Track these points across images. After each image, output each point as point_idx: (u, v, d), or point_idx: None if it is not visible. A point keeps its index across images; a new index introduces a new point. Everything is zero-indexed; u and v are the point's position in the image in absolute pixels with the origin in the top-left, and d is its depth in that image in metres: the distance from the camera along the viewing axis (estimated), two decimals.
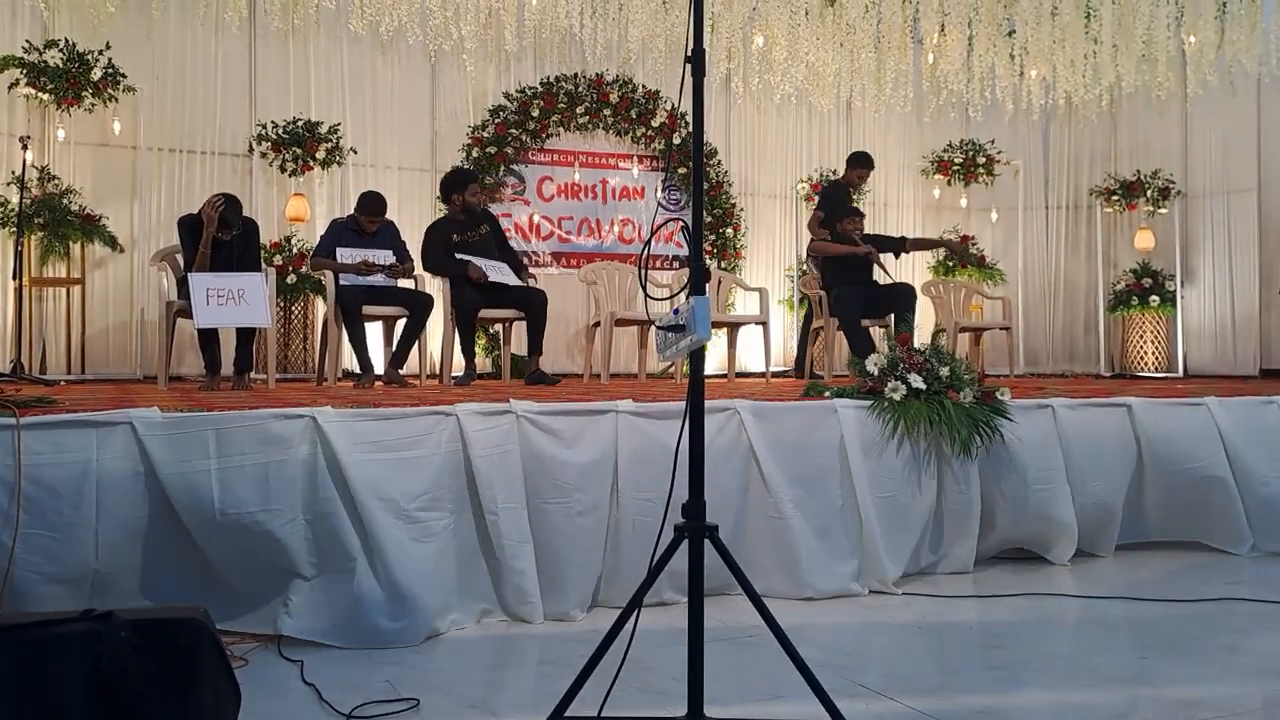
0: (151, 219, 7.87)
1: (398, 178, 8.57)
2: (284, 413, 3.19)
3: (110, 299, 7.74)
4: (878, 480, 3.94)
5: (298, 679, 2.74)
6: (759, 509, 3.79)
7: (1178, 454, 4.57)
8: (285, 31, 8.26)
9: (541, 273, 8.30)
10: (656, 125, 9.29)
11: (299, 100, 8.30)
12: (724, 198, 9.52)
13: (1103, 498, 4.42)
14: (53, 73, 7.19)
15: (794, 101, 9.78)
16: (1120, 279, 10.10)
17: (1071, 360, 10.50)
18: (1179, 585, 3.96)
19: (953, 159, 10.22)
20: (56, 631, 1.93)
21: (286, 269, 7.75)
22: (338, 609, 3.12)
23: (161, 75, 7.93)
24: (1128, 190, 10.00)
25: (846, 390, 4.18)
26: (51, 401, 3.35)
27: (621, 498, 3.56)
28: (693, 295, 2.19)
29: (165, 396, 4.37)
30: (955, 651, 3.18)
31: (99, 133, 7.69)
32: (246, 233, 5.74)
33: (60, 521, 2.89)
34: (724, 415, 3.79)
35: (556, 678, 2.62)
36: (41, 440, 2.91)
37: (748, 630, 3.11)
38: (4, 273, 6.62)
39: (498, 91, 8.94)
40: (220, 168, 8.13)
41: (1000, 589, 3.85)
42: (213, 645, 2.07)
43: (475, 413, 3.40)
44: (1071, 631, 3.43)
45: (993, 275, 10.08)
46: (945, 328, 8.24)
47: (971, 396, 4.14)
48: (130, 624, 1.98)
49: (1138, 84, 9.69)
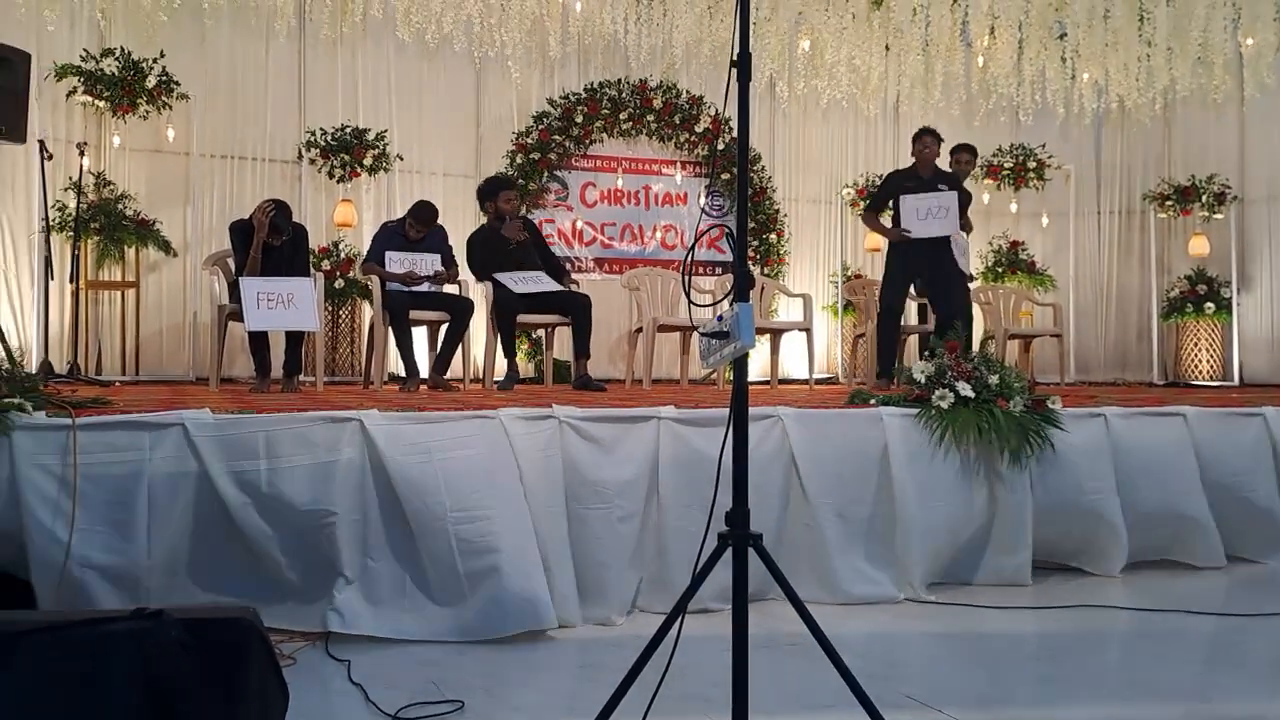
0: (204, 224, 8.00)
1: (443, 184, 8.64)
2: (332, 415, 3.23)
3: (164, 302, 7.87)
4: (922, 489, 3.89)
5: (345, 679, 2.77)
6: (798, 516, 3.77)
7: (1234, 465, 4.46)
8: (334, 39, 8.36)
9: (584, 278, 8.32)
10: (700, 131, 9.28)
11: (347, 107, 8.40)
12: (768, 203, 9.49)
13: (1155, 509, 4.33)
14: (109, 81, 7.34)
15: (841, 106, 9.72)
16: (1174, 285, 9.93)
17: (1124, 368, 10.33)
18: (1236, 599, 3.87)
19: (1002, 163, 10.10)
20: (108, 629, 1.95)
21: (334, 274, 7.83)
22: (384, 607, 3.16)
23: (213, 83, 8.05)
24: (1182, 195, 9.83)
25: (893, 398, 4.14)
26: (106, 402, 3.42)
27: (663, 504, 3.55)
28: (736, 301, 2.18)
29: (217, 398, 4.44)
30: (1002, 663, 3.13)
31: (153, 139, 7.83)
32: (296, 238, 5.82)
33: (113, 520, 2.95)
34: (767, 422, 3.77)
35: (599, 682, 2.62)
36: (96, 440, 2.97)
37: (791, 638, 3.09)
38: (61, 276, 6.75)
39: (542, 98, 8.99)
40: (270, 174, 8.25)
41: (1048, 601, 3.78)
42: (261, 644, 2.09)
43: (518, 417, 3.42)
44: (1123, 644, 3.37)
45: (1043, 281, 9.94)
46: (994, 335, 8.14)
47: (1022, 405, 4.07)
48: (180, 623, 2.00)
49: (1193, 87, 9.52)
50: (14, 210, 7.30)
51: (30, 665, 1.90)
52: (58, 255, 6.83)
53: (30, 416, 2.97)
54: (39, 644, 1.92)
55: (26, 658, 1.90)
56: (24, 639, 1.91)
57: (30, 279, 7.31)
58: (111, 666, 1.93)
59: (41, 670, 1.91)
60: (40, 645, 1.92)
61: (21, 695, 1.88)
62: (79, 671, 1.92)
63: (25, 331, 7.23)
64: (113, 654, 1.94)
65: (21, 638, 1.91)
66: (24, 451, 2.91)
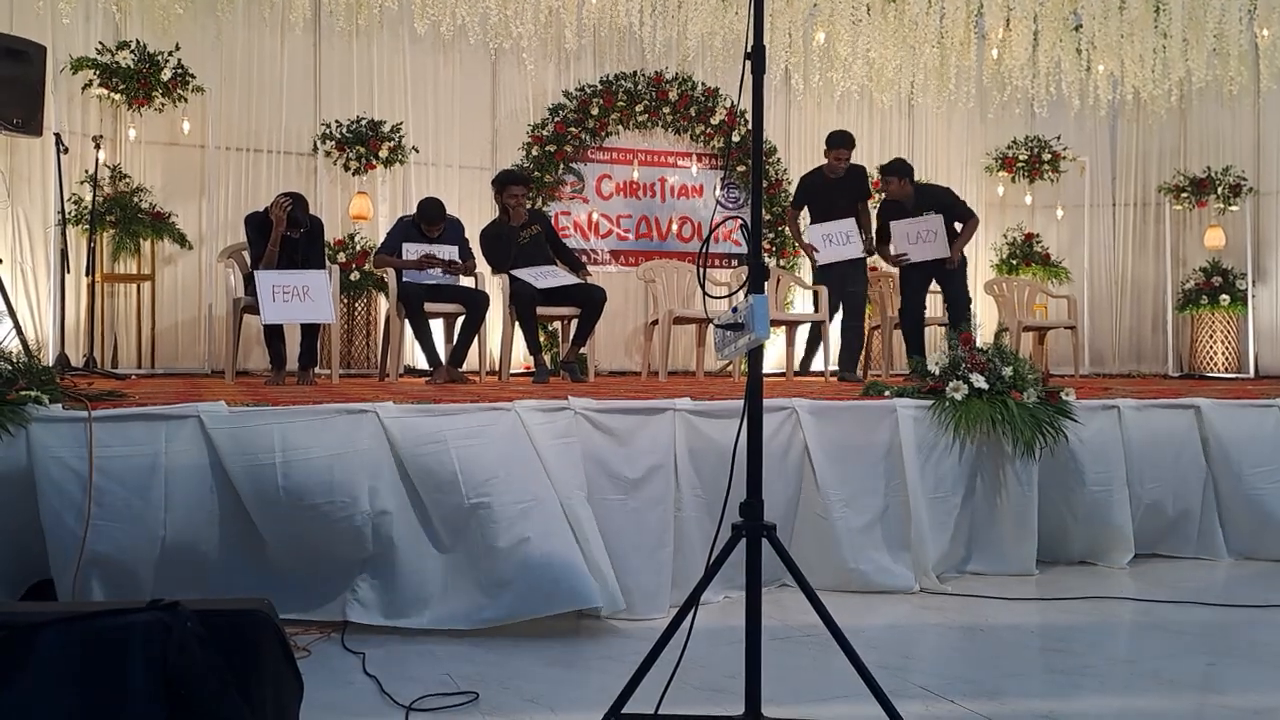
0: (219, 216, 8.02)
1: (459, 176, 8.65)
2: (347, 408, 3.24)
3: (179, 295, 7.90)
4: (935, 480, 3.90)
5: (359, 670, 2.79)
6: (812, 507, 3.78)
7: (1248, 457, 4.45)
8: (349, 32, 8.37)
9: (599, 271, 8.31)
10: (716, 123, 9.26)
11: (362, 100, 8.40)
12: (783, 195, 9.46)
13: (1165, 501, 4.32)
14: (124, 74, 7.36)
15: (855, 98, 9.69)
16: (1189, 277, 9.87)
17: (1139, 360, 10.28)
18: (1247, 590, 3.86)
19: (1017, 156, 10.06)
20: (124, 621, 1.96)
21: (350, 266, 7.85)
22: (399, 597, 3.18)
23: (229, 76, 8.07)
24: (1197, 187, 9.77)
25: (906, 390, 4.13)
26: (122, 395, 3.44)
27: (679, 495, 3.56)
28: (751, 294, 2.18)
29: (232, 391, 4.46)
30: (1013, 654, 3.13)
31: (169, 132, 7.85)
32: (312, 231, 5.84)
33: (129, 512, 2.97)
34: (782, 414, 3.77)
35: (614, 674, 2.63)
36: (112, 433, 2.99)
37: (804, 629, 3.10)
38: (78, 269, 6.79)
39: (557, 90, 8.98)
40: (286, 166, 8.26)
41: (1058, 592, 3.79)
42: (276, 636, 2.10)
43: (534, 409, 3.43)
44: (1133, 636, 3.37)
45: (1058, 274, 9.90)
46: (1009, 327, 8.11)
47: (1035, 397, 4.07)
48: (196, 615, 2.01)
49: (1208, 79, 9.44)
50: (30, 203, 7.34)
51: (48, 658, 1.92)
52: (74, 248, 6.86)
53: (47, 409, 2.99)
54: (57, 636, 1.93)
55: (45, 650, 1.92)
56: (42, 631, 1.93)
57: (46, 272, 7.34)
58: (128, 658, 1.94)
59: (60, 662, 1.92)
60: (58, 638, 1.93)
61: (40, 687, 1.89)
62: (96, 663, 1.93)
63: (41, 324, 7.27)
64: (129, 646, 1.95)
65: (39, 630, 1.93)
66: (41, 444, 2.93)
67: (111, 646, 1.95)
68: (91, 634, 1.95)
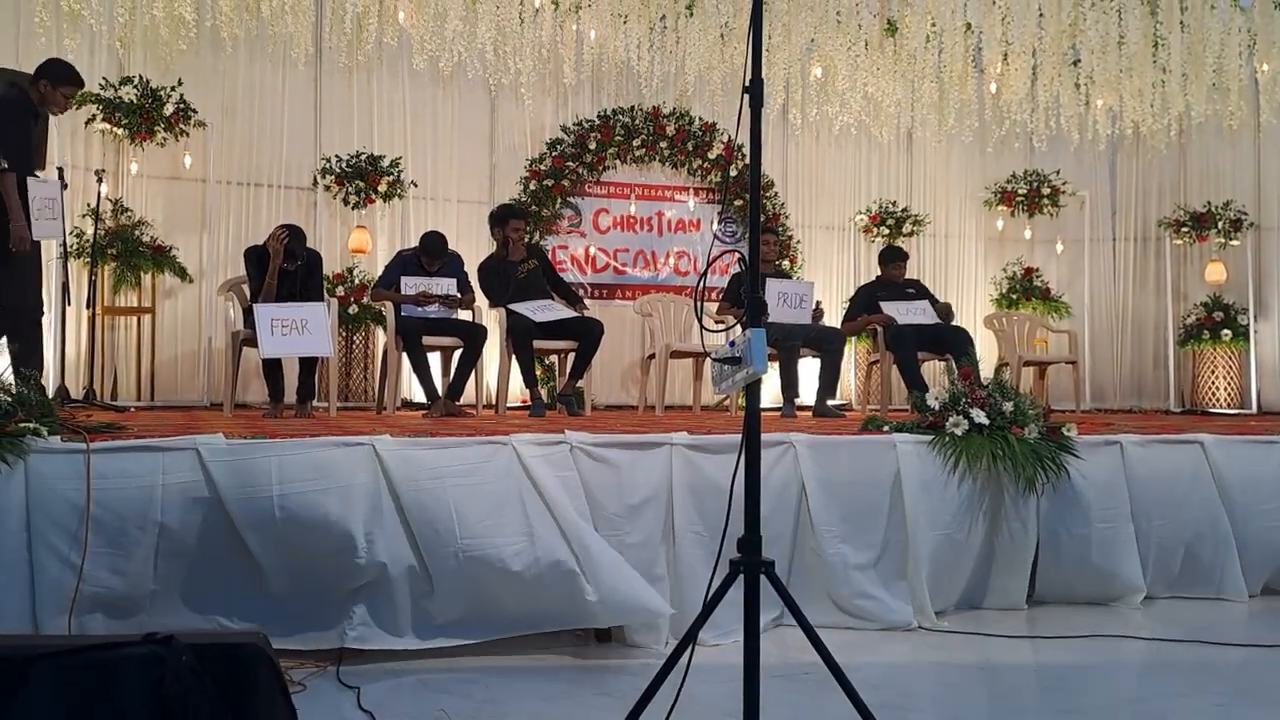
0: (220, 250, 8.04)
1: (457, 210, 8.68)
2: (344, 440, 3.24)
3: (179, 328, 7.91)
4: (934, 516, 3.87)
5: (354, 705, 2.76)
6: (810, 543, 3.75)
7: (1256, 494, 4.39)
8: (349, 68, 8.43)
9: (596, 305, 8.31)
10: (713, 157, 9.30)
11: (362, 134, 8.45)
12: (781, 230, 9.49)
13: (1177, 538, 4.28)
14: (127, 108, 7.41)
15: (853, 132, 9.73)
16: (1190, 312, 9.87)
17: (1140, 396, 10.26)
18: (1255, 629, 3.82)
19: (1016, 190, 10.09)
20: (120, 655, 1.95)
21: (348, 300, 7.86)
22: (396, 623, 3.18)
23: (230, 111, 8.12)
24: (1198, 222, 9.79)
25: (906, 425, 4.12)
26: (121, 427, 3.43)
27: (675, 531, 3.53)
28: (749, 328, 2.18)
29: (230, 423, 4.45)
30: (1016, 694, 3.10)
31: (170, 166, 7.89)
32: (310, 264, 5.85)
33: (126, 543, 2.96)
34: (779, 449, 3.76)
35: (611, 710, 2.60)
36: (110, 465, 2.98)
37: (804, 667, 3.06)
38: (79, 302, 6.79)
39: (555, 124, 9.03)
40: (286, 200, 8.29)
41: (1062, 629, 3.74)
42: (271, 670, 2.08)
43: (530, 442, 3.42)
44: (1140, 675, 3.33)
45: (1058, 308, 9.90)
46: (1009, 361, 8.11)
47: (1036, 432, 4.05)
48: (191, 648, 1.99)
49: (1208, 113, 9.50)
50: None
51: (43, 691, 1.90)
52: (75, 281, 6.87)
53: (46, 441, 2.99)
54: (52, 669, 1.92)
55: (39, 683, 1.90)
56: (37, 664, 1.91)
57: (48, 304, 7.34)
58: (123, 692, 1.93)
59: (54, 696, 1.91)
60: (53, 670, 1.92)
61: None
62: (91, 697, 1.92)
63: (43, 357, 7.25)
64: (124, 679, 1.94)
65: (34, 663, 1.91)
66: (39, 476, 2.92)
67: (106, 680, 1.93)
68: (86, 667, 1.94)
